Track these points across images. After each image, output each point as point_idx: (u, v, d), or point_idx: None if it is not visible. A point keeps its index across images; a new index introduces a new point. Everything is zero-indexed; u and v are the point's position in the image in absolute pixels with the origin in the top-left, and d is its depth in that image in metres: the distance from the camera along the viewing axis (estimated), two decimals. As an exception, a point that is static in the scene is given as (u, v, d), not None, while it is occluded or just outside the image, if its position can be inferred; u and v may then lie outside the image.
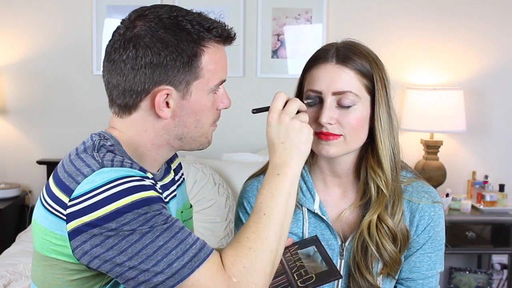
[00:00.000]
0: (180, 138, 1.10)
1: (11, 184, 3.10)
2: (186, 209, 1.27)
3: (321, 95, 1.21)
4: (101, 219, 0.94)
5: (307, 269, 1.08)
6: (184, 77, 1.04)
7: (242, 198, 1.35)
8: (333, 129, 1.20)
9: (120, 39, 1.05)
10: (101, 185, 0.96)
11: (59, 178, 1.02)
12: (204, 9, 3.48)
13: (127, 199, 0.95)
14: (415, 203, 1.27)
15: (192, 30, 1.04)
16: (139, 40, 1.03)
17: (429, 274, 1.28)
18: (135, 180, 0.98)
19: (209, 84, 1.07)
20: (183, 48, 1.03)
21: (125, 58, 1.03)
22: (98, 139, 1.06)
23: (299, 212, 1.29)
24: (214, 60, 1.07)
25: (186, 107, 1.06)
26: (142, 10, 1.07)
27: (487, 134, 3.19)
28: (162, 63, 1.02)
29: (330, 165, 1.28)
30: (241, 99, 3.18)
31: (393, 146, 1.25)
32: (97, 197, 0.96)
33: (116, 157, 1.02)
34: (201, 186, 2.65)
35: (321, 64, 1.21)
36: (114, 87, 1.07)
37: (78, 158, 1.03)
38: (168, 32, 1.03)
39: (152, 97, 1.05)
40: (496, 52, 3.15)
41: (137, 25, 1.04)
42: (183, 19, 1.04)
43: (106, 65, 1.07)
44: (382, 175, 1.23)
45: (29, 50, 3.15)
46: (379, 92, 1.21)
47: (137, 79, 1.03)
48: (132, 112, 1.07)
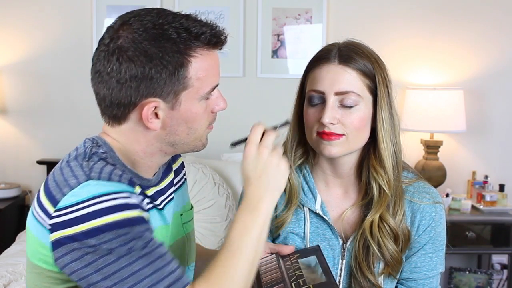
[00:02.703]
0: (173, 145, 1.08)
1: (11, 184, 3.10)
2: (186, 211, 1.26)
3: (324, 95, 1.21)
4: (82, 234, 0.93)
5: (306, 280, 1.08)
6: (171, 88, 1.01)
7: (242, 197, 1.35)
8: (335, 129, 1.20)
9: (104, 50, 1.02)
10: (85, 199, 0.95)
11: (48, 187, 1.01)
12: (204, 9, 3.51)
13: (109, 217, 0.94)
14: (416, 203, 1.27)
15: (178, 39, 0.99)
16: (122, 53, 0.99)
17: (430, 274, 1.28)
18: (120, 197, 0.96)
19: (199, 93, 1.04)
20: (168, 60, 0.99)
21: (110, 71, 1.00)
22: (90, 146, 1.05)
23: (300, 212, 1.29)
24: (203, 68, 1.03)
25: (176, 117, 1.04)
26: (127, 17, 1.03)
27: (487, 134, 3.19)
28: (147, 76, 0.99)
29: (332, 165, 1.28)
30: (241, 99, 3.19)
31: (395, 146, 1.25)
32: (80, 212, 0.94)
33: (105, 167, 1.00)
34: (201, 186, 2.65)
35: (324, 64, 1.21)
36: (101, 99, 1.04)
37: (67, 166, 1.02)
38: (152, 43, 0.99)
39: (140, 109, 1.02)
40: (496, 52, 3.15)
41: (120, 36, 1.00)
42: (169, 27, 1.00)
43: (93, 75, 1.05)
44: (384, 175, 1.23)
45: (29, 50, 3.15)
46: (381, 92, 1.21)
47: (123, 93, 1.01)
48: (122, 123, 1.05)
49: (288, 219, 1.28)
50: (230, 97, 3.03)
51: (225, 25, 3.65)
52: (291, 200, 1.29)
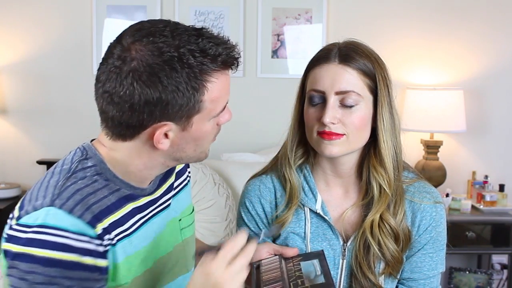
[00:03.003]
0: (177, 159, 1.07)
1: (11, 184, 3.10)
2: (185, 216, 1.24)
3: (324, 95, 1.21)
4: (18, 255, 0.94)
5: (304, 280, 1.08)
6: (185, 112, 0.98)
7: (244, 197, 1.35)
8: (336, 129, 1.20)
9: (115, 72, 0.96)
10: (37, 225, 0.94)
11: (25, 198, 1.01)
12: (204, 9, 3.51)
13: (46, 252, 0.93)
14: (417, 203, 1.27)
15: (194, 63, 0.95)
16: (136, 77, 0.95)
17: (431, 274, 1.28)
18: (66, 237, 0.94)
19: (211, 114, 1.02)
20: (185, 86, 0.96)
21: (122, 95, 0.96)
22: (78, 160, 1.03)
23: (301, 212, 1.29)
24: (218, 90, 1.01)
25: (186, 137, 1.02)
26: (139, 36, 0.97)
27: (487, 134, 3.19)
28: (163, 102, 0.96)
29: (333, 165, 1.28)
30: (241, 99, 3.19)
31: (395, 146, 1.25)
32: (27, 234, 0.94)
33: (77, 194, 0.98)
34: (201, 186, 2.65)
35: (324, 64, 1.21)
36: (109, 118, 1.00)
37: (47, 182, 1.01)
38: (168, 69, 0.95)
39: (151, 132, 1.00)
40: (496, 52, 3.15)
41: (134, 58, 0.95)
42: (185, 51, 0.95)
43: (100, 93, 1.00)
44: (384, 174, 1.23)
45: (29, 50, 3.15)
46: (381, 91, 1.21)
47: (135, 117, 0.97)
48: (127, 140, 1.02)
49: (288, 219, 1.28)
50: (230, 97, 3.02)
51: (225, 25, 3.66)
52: (292, 200, 1.28)
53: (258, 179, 1.35)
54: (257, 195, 1.32)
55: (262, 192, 1.32)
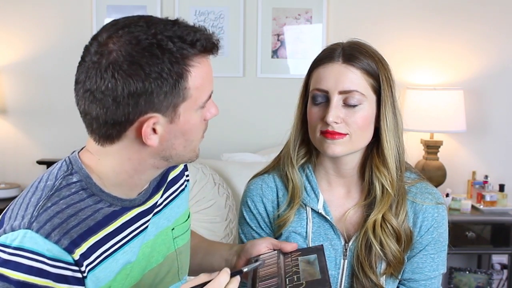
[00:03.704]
0: (167, 159, 1.03)
1: (11, 184, 3.10)
2: (179, 224, 1.21)
3: (328, 94, 1.21)
4: None
5: (301, 276, 1.08)
6: (171, 101, 0.95)
7: (246, 197, 1.35)
8: (339, 128, 1.20)
9: (94, 67, 0.93)
10: (13, 247, 0.92)
11: (5, 215, 0.98)
12: (204, 9, 3.51)
13: (21, 275, 0.91)
14: (418, 204, 1.27)
15: (174, 49, 0.93)
16: (117, 68, 0.92)
17: (432, 275, 1.28)
18: (42, 262, 0.92)
19: (198, 102, 0.99)
20: (168, 72, 0.93)
21: (104, 89, 0.93)
22: (62, 176, 1.00)
23: (303, 211, 1.29)
24: (201, 76, 0.98)
25: (175, 130, 0.99)
26: (114, 29, 0.95)
27: (487, 134, 3.19)
28: (147, 91, 0.93)
29: (335, 164, 1.29)
30: (241, 99, 3.19)
31: (398, 146, 1.25)
32: (4, 255, 0.92)
33: (56, 217, 0.95)
34: (201, 186, 2.65)
35: (328, 64, 1.22)
36: (93, 118, 0.97)
37: (29, 199, 0.98)
38: (148, 56, 0.92)
39: (138, 126, 0.96)
40: (496, 52, 3.15)
41: (112, 50, 0.93)
42: (163, 37, 0.93)
43: (81, 94, 0.96)
44: (387, 174, 1.24)
45: (29, 50, 3.15)
46: (385, 91, 1.22)
47: (120, 111, 0.94)
48: (115, 141, 0.99)
49: (290, 219, 1.28)
50: (230, 97, 3.05)
51: (225, 25, 3.66)
52: (294, 200, 1.28)
53: (260, 178, 1.35)
54: (259, 194, 1.32)
55: (264, 191, 1.32)
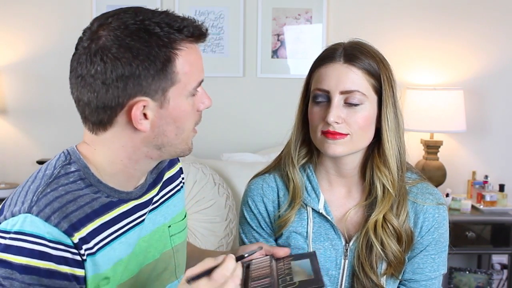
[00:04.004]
0: (160, 148, 1.04)
1: (11, 184, 3.10)
2: (176, 222, 1.22)
3: (329, 94, 1.21)
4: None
5: (293, 277, 1.08)
6: (159, 85, 0.97)
7: (247, 196, 1.35)
8: (340, 128, 1.20)
9: (85, 53, 0.97)
10: (14, 231, 0.93)
11: (5, 203, 1.00)
12: (204, 9, 3.50)
13: (23, 259, 0.92)
14: (419, 204, 1.27)
15: (161, 33, 0.96)
16: (106, 52, 0.95)
17: (432, 276, 1.28)
18: (43, 244, 0.93)
19: (187, 88, 1.01)
20: (155, 55, 0.96)
21: (94, 73, 0.96)
22: (60, 165, 1.02)
23: (303, 211, 1.29)
24: (189, 62, 1.00)
25: (165, 116, 1.00)
26: (105, 18, 0.99)
27: (487, 134, 3.19)
28: (135, 74, 0.95)
29: (336, 164, 1.29)
30: (241, 99, 3.19)
31: (399, 146, 1.25)
32: (5, 240, 0.93)
33: (55, 201, 0.96)
34: (201, 186, 2.65)
35: (329, 64, 1.22)
36: (85, 104, 0.99)
37: (28, 187, 0.99)
38: (136, 39, 0.95)
39: (128, 110, 0.98)
40: (496, 52, 3.15)
41: (101, 36, 0.96)
42: (150, 22, 0.96)
43: (74, 81, 1.00)
44: (388, 175, 1.23)
45: (29, 50, 3.15)
46: (386, 92, 1.22)
47: (110, 94, 0.96)
48: (108, 128, 1.01)
49: (291, 219, 1.28)
50: (230, 97, 3.05)
51: (225, 25, 3.66)
52: (295, 200, 1.28)
53: (261, 178, 1.35)
54: (260, 194, 1.32)
55: (265, 191, 1.32)
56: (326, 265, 1.27)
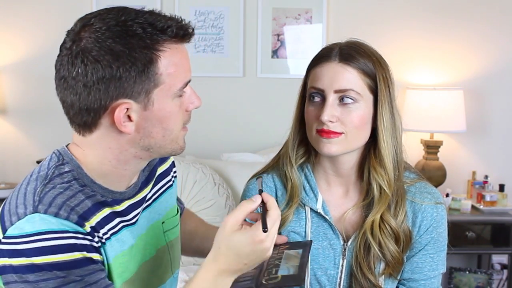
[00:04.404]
0: (148, 149, 1.03)
1: (11, 184, 3.10)
2: (169, 218, 1.22)
3: (323, 93, 1.21)
4: (22, 267, 0.92)
5: (279, 270, 1.08)
6: (142, 87, 0.96)
7: (245, 196, 1.35)
8: (334, 127, 1.20)
9: (67, 54, 0.96)
10: (29, 234, 0.93)
11: (4, 209, 0.98)
12: (204, 9, 3.51)
13: (49, 257, 0.92)
14: (417, 203, 1.27)
15: (143, 34, 0.94)
16: (86, 54, 0.94)
17: (431, 275, 1.28)
18: (63, 237, 0.93)
19: (172, 89, 0.99)
20: (136, 56, 0.94)
21: (75, 75, 0.95)
22: (54, 166, 1.02)
23: (302, 211, 1.29)
24: (174, 63, 0.98)
25: (150, 117, 0.99)
26: (87, 19, 0.98)
27: (487, 134, 3.19)
28: (116, 76, 0.94)
29: (333, 164, 1.28)
30: (241, 99, 3.19)
31: (396, 146, 1.24)
32: (23, 245, 0.93)
33: (59, 197, 0.96)
34: (201, 186, 2.65)
35: (324, 63, 1.22)
36: (69, 106, 0.99)
37: (24, 189, 0.99)
38: (117, 41, 0.93)
39: (111, 113, 0.97)
40: (496, 52, 3.15)
41: (83, 38, 0.95)
42: (133, 23, 0.95)
43: (58, 83, 0.99)
44: (384, 175, 1.23)
45: (30, 50, 3.15)
46: (382, 91, 1.21)
47: (92, 97, 0.95)
48: (93, 130, 1.00)
49: (289, 218, 1.28)
50: (230, 97, 3.04)
51: (225, 25, 3.65)
52: (292, 199, 1.28)
53: None
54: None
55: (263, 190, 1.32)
56: (325, 265, 1.27)
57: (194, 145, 3.02)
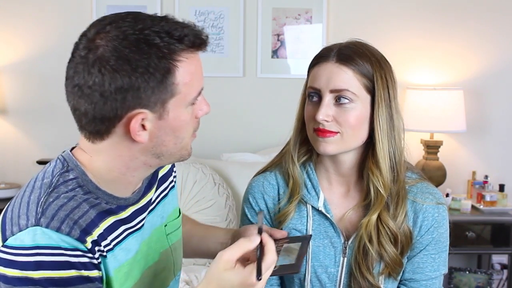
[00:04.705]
0: (159, 156, 1.02)
1: (11, 184, 3.10)
2: (171, 221, 1.22)
3: (320, 93, 1.22)
4: (15, 279, 0.91)
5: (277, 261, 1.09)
6: (159, 97, 0.95)
7: (248, 193, 1.36)
8: (329, 127, 1.20)
9: (82, 62, 0.94)
10: (28, 247, 0.92)
11: (5, 216, 0.97)
12: (204, 9, 3.51)
13: (45, 272, 0.91)
14: (419, 203, 1.27)
15: (161, 44, 0.93)
16: (104, 63, 0.92)
17: (433, 276, 1.28)
18: (61, 254, 0.92)
19: (187, 99, 0.99)
20: (155, 67, 0.93)
21: (92, 85, 0.93)
22: (59, 173, 1.00)
23: (303, 208, 1.30)
24: (190, 72, 0.97)
25: (164, 127, 0.98)
26: (102, 25, 0.95)
27: (487, 134, 3.19)
28: (134, 87, 0.93)
29: (333, 163, 1.29)
30: (241, 99, 3.19)
31: (394, 147, 1.24)
32: (20, 257, 0.92)
33: (62, 209, 0.95)
34: (201, 186, 2.65)
35: (322, 63, 1.23)
36: (82, 114, 0.97)
37: (27, 198, 0.97)
38: (135, 51, 0.92)
39: (127, 122, 0.96)
40: (496, 52, 3.15)
41: (99, 46, 0.93)
42: (150, 32, 0.93)
43: (71, 90, 0.97)
44: (379, 176, 1.23)
45: (29, 50, 3.15)
46: (379, 92, 1.21)
47: (108, 106, 0.94)
48: (105, 138, 0.98)
49: (290, 213, 1.29)
50: (230, 97, 3.05)
51: (225, 25, 3.66)
52: (293, 195, 1.29)
53: (262, 175, 1.36)
54: (261, 191, 1.33)
55: (265, 188, 1.33)
56: (325, 262, 1.27)
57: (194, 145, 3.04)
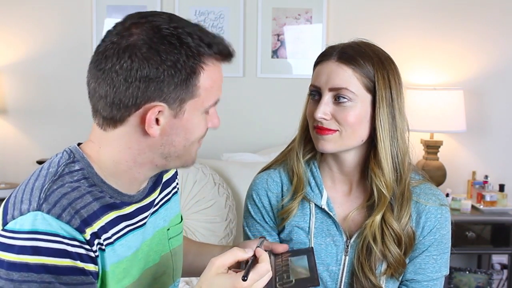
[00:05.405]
0: (166, 157, 1.03)
1: (11, 184, 3.10)
2: (174, 225, 1.23)
3: (320, 91, 1.23)
4: (9, 264, 0.91)
5: (290, 274, 1.09)
6: (179, 94, 0.97)
7: (251, 190, 1.36)
8: (328, 125, 1.21)
9: (113, 47, 0.96)
10: (26, 231, 0.92)
11: (8, 201, 0.98)
12: (204, 9, 3.50)
13: (40, 258, 0.91)
14: (422, 204, 1.27)
15: (192, 44, 0.96)
16: (135, 50, 0.95)
17: (434, 277, 1.28)
18: (59, 242, 0.92)
19: (204, 104, 1.01)
20: (182, 64, 0.96)
21: (118, 69, 0.95)
22: (64, 164, 1.01)
23: (306, 206, 1.30)
24: (212, 79, 1.00)
25: (177, 126, 1.00)
26: (139, 17, 0.99)
27: (487, 134, 3.19)
28: (159, 78, 0.95)
29: (336, 162, 1.30)
30: (241, 99, 3.19)
31: (396, 147, 1.23)
32: (17, 241, 0.92)
33: (64, 198, 0.95)
34: (201, 186, 2.65)
35: (324, 61, 1.24)
36: (101, 97, 0.98)
37: (32, 184, 0.98)
38: (167, 44, 0.95)
39: (143, 113, 0.97)
40: (496, 52, 3.15)
41: (133, 33, 0.96)
42: (183, 31, 0.96)
43: (94, 72, 0.99)
44: (381, 176, 1.23)
45: (29, 50, 3.15)
46: (380, 92, 1.22)
47: (129, 93, 0.96)
48: (118, 126, 1.00)
49: (293, 210, 1.29)
50: (230, 97, 3.04)
51: (225, 25, 3.66)
52: (297, 192, 1.29)
53: (266, 172, 1.36)
54: (264, 188, 1.34)
55: (269, 185, 1.34)
56: (327, 261, 1.27)
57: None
